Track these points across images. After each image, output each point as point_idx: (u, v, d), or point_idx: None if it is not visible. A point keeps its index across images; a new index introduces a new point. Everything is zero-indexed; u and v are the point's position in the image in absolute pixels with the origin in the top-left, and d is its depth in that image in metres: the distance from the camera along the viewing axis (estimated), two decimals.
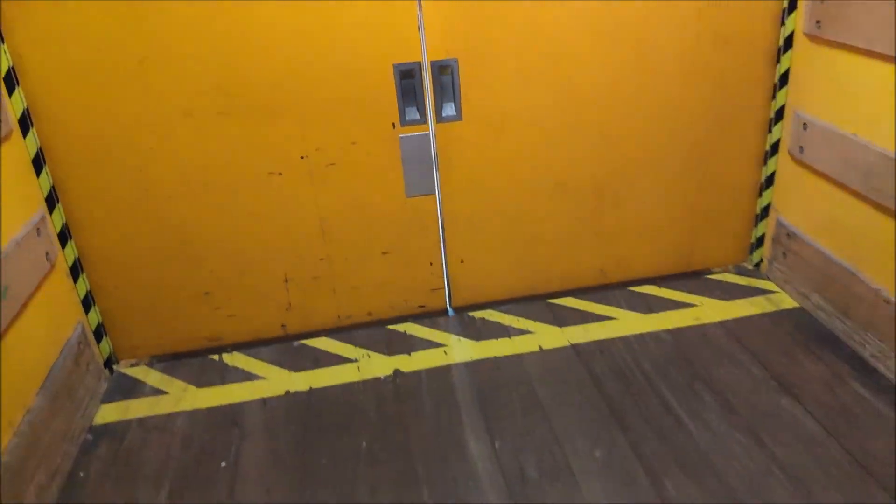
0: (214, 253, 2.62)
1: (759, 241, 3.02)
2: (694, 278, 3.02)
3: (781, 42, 2.64)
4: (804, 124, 2.59)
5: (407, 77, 2.47)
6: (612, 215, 2.85)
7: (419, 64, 2.45)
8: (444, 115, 2.56)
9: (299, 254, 2.67)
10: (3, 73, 2.17)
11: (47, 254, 2.28)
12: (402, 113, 2.52)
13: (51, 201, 2.37)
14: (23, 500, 1.92)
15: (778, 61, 2.68)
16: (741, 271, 3.05)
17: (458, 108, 2.56)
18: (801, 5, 2.53)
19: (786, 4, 2.58)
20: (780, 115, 2.75)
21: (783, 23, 2.61)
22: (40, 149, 2.32)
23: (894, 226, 2.22)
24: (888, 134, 2.20)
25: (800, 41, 2.57)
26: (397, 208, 2.66)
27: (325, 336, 2.80)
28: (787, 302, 2.81)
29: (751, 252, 3.07)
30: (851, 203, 2.41)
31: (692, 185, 2.86)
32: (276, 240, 2.64)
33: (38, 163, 2.30)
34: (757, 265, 3.06)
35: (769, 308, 2.78)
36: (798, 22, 2.56)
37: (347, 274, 2.74)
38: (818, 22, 2.44)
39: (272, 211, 2.58)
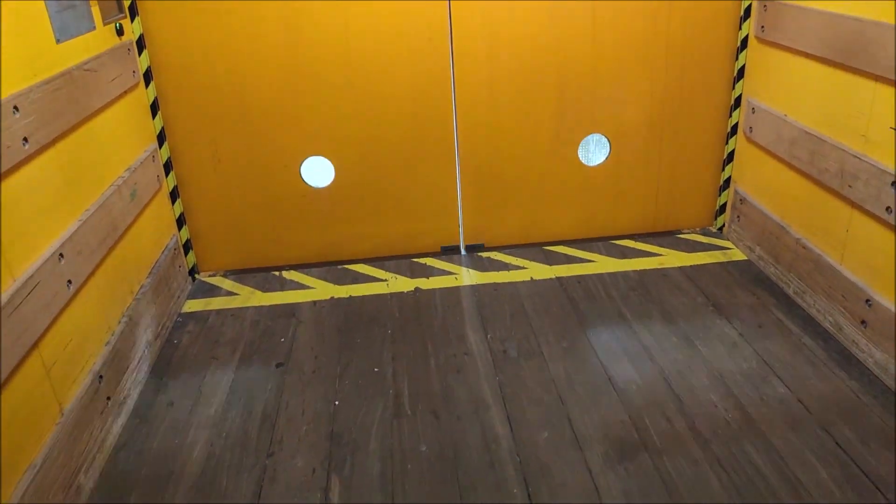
0: None
1: (723, 209, 3.64)
2: (666, 236, 3.65)
3: (738, 42, 3.27)
4: (753, 109, 3.22)
5: (448, 251, 3.61)
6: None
7: (458, 245, 3.53)
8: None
9: None
10: (136, 38, 2.93)
11: (158, 176, 3.04)
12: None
13: (161, 138, 3.12)
14: (135, 345, 2.65)
15: (736, 58, 3.31)
16: (706, 233, 3.68)
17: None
18: (752, 12, 3.16)
19: (742, 12, 3.21)
20: (738, 102, 3.38)
21: (740, 27, 3.25)
22: (156, 97, 3.07)
23: (808, 185, 2.84)
24: (806, 113, 2.83)
25: (751, 42, 3.21)
26: None
27: (363, 263, 3.51)
28: (738, 255, 3.42)
29: (715, 217, 3.69)
30: (781, 169, 3.03)
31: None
32: None
33: (154, 108, 3.06)
34: (720, 228, 3.68)
35: (722, 259, 3.40)
36: (751, 26, 3.20)
37: None
38: (762, 27, 3.08)
39: None
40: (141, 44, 2.97)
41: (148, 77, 3.02)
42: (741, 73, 3.32)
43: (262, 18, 3.02)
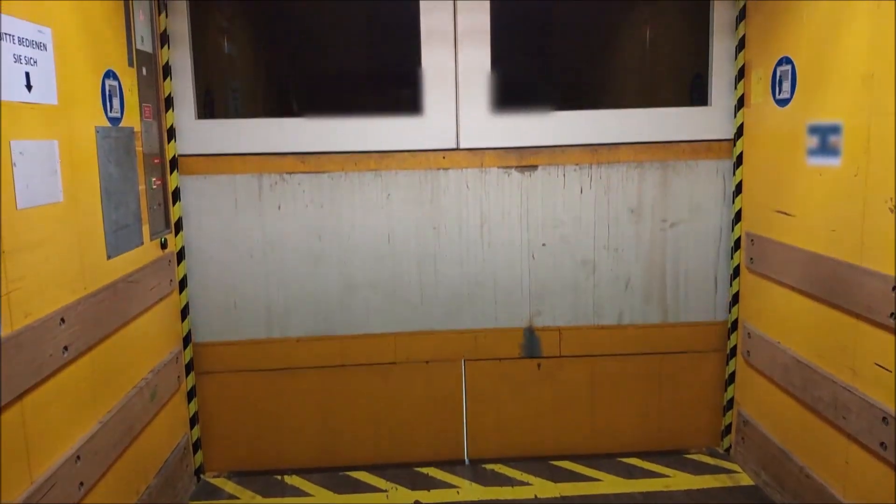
0: None
1: (728, 429, 3.66)
2: (673, 456, 3.64)
3: (731, 271, 3.51)
4: (749, 333, 3.37)
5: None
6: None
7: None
8: None
9: None
10: (177, 250, 3.24)
11: (178, 376, 3.19)
12: None
13: (186, 340, 3.32)
14: None
15: (730, 285, 3.53)
16: (713, 453, 3.67)
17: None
18: (742, 244, 3.43)
19: (732, 243, 3.49)
20: (734, 326, 3.54)
21: (732, 257, 3.50)
22: (187, 304, 3.32)
23: (806, 413, 2.90)
24: (797, 342, 2.97)
25: (743, 271, 3.44)
26: None
27: (365, 470, 3.52)
28: (744, 479, 3.39)
29: (722, 438, 3.70)
30: (779, 394, 3.11)
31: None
32: None
33: (184, 312, 3.30)
34: (727, 449, 3.67)
35: (729, 483, 3.36)
36: (742, 257, 3.45)
37: None
38: (752, 259, 3.32)
39: None
40: (181, 255, 3.28)
41: (183, 284, 3.30)
42: (736, 299, 3.52)
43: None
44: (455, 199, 3.43)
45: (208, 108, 3.89)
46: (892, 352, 2.38)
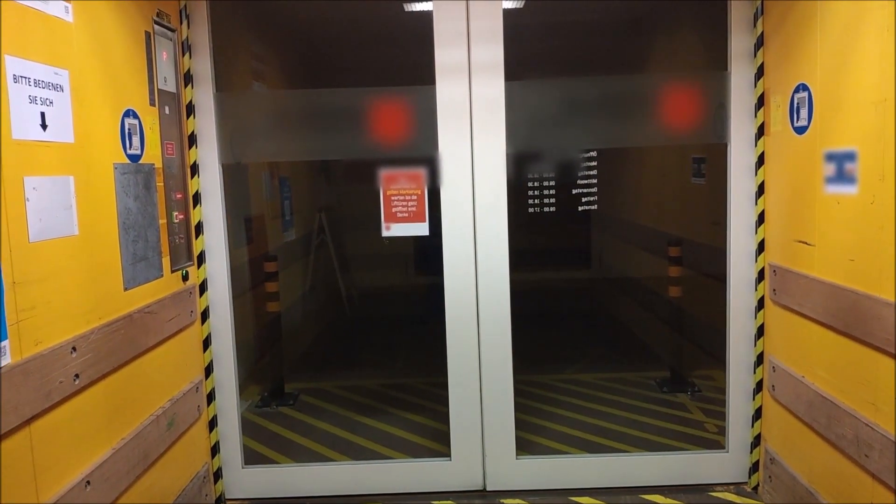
0: None
1: (756, 466, 3.53)
2: (696, 492, 3.52)
3: (755, 302, 3.42)
4: (773, 367, 3.26)
5: None
6: None
7: None
8: None
9: None
10: (199, 282, 3.34)
11: (198, 406, 3.26)
12: None
13: (208, 370, 3.40)
14: None
15: (755, 317, 3.43)
16: (740, 492, 3.53)
17: None
18: (766, 275, 3.34)
19: (756, 275, 3.40)
20: (760, 359, 3.43)
21: (756, 288, 3.41)
22: (209, 335, 3.40)
23: (830, 450, 2.78)
24: (820, 376, 2.86)
25: (767, 303, 3.35)
26: None
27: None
28: None
29: (749, 476, 3.57)
30: (804, 431, 2.99)
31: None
32: None
33: (206, 342, 3.38)
34: (755, 488, 3.53)
35: None
36: (766, 289, 3.36)
37: None
38: (774, 290, 3.23)
39: None
40: (204, 287, 3.38)
41: (205, 315, 3.38)
42: (761, 331, 3.42)
43: None
44: None
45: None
46: None
